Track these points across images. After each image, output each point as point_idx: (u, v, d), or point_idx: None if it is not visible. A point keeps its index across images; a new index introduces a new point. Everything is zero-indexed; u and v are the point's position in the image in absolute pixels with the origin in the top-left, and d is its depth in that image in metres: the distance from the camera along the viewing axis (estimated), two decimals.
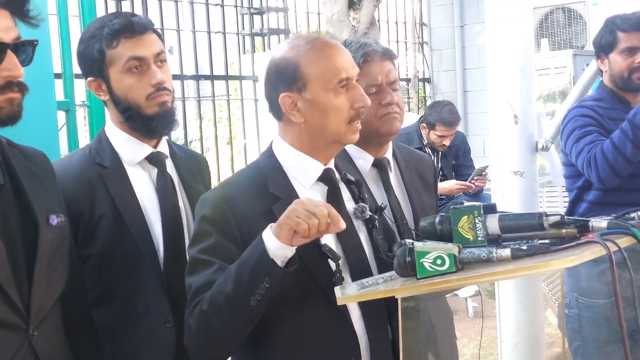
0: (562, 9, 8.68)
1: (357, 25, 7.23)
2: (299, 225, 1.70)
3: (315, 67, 1.90)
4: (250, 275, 1.75)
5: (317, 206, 1.71)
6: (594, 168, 3.05)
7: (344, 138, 1.93)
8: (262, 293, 1.74)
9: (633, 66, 3.16)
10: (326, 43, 1.95)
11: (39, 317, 1.66)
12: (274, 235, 1.74)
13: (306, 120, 1.92)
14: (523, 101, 3.12)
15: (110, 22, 2.13)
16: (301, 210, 1.71)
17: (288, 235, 1.73)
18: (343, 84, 1.90)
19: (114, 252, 2.11)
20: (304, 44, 1.94)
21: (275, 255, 1.74)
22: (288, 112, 1.93)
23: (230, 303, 1.77)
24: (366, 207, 1.98)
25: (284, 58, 1.93)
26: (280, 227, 1.73)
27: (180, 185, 2.25)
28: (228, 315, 1.78)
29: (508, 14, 3.10)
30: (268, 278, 1.73)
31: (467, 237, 1.72)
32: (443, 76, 9.82)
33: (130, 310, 2.13)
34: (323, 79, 1.89)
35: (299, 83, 1.90)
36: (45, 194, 1.76)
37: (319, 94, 1.89)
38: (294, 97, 1.91)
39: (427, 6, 9.88)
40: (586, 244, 1.63)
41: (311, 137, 1.94)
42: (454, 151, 5.90)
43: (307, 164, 1.96)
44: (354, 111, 1.91)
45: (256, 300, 1.74)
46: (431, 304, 1.98)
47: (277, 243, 1.73)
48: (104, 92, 2.18)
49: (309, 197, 1.78)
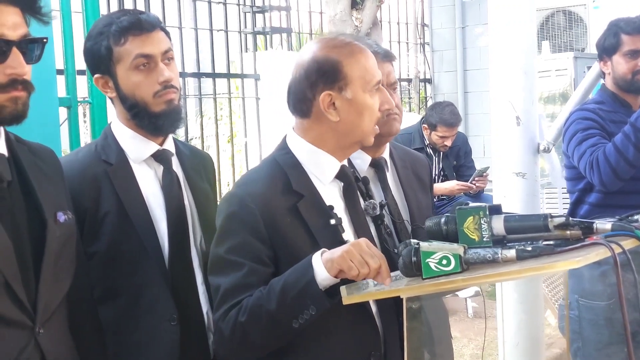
0: (563, 12, 8.69)
1: (360, 25, 7.24)
2: (351, 270, 1.74)
3: (357, 68, 1.96)
4: (296, 299, 1.79)
5: (372, 257, 1.75)
6: (597, 171, 3.06)
7: (367, 139, 2.00)
8: (306, 318, 1.79)
9: (636, 69, 3.16)
10: (363, 47, 2.02)
11: (46, 315, 1.66)
12: (325, 268, 1.77)
13: (341, 119, 1.97)
14: (525, 103, 3.12)
15: (119, 19, 2.13)
16: (357, 255, 1.74)
17: (337, 272, 1.77)
18: (377, 87, 1.99)
19: (119, 249, 2.11)
20: (344, 46, 1.99)
21: (322, 285, 1.78)
22: (325, 109, 1.96)
23: (272, 321, 1.82)
24: (376, 204, 2.03)
25: (327, 57, 1.97)
26: (332, 263, 1.77)
27: (185, 183, 2.25)
28: (268, 330, 1.84)
29: (511, 16, 3.11)
30: (314, 307, 1.79)
31: (472, 237, 1.73)
32: (444, 77, 9.82)
33: (134, 307, 2.13)
34: (363, 80, 1.96)
35: (341, 82, 1.95)
36: (53, 191, 1.76)
37: (358, 94, 1.96)
38: (334, 95, 1.96)
39: (429, 7, 9.87)
40: (591, 246, 1.64)
41: (338, 136, 1.99)
42: (455, 152, 5.91)
43: (324, 161, 2.00)
44: (380, 113, 2.01)
45: (299, 323, 1.80)
46: (430, 304, 1.99)
47: (326, 275, 1.77)
48: (110, 89, 2.18)
49: (368, 242, 1.79)
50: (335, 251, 1.78)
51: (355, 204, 2.01)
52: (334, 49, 1.98)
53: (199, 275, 2.21)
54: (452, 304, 5.99)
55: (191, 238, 2.20)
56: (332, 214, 1.94)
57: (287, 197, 1.94)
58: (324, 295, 1.78)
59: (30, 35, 1.64)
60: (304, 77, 1.99)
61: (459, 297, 5.94)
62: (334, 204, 1.97)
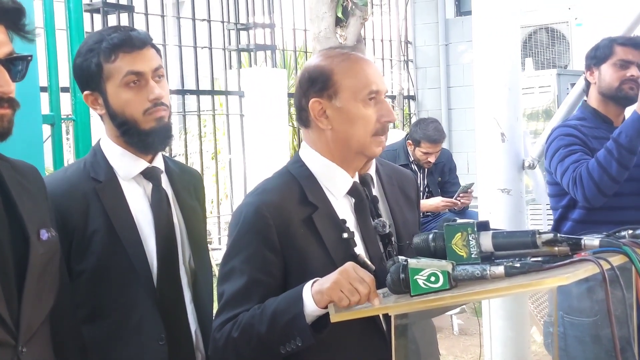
0: (546, 29, 8.77)
1: (344, 42, 7.27)
2: (342, 301, 1.74)
3: (347, 76, 1.96)
4: (284, 328, 1.80)
5: (361, 282, 1.74)
6: (580, 187, 3.06)
7: (368, 150, 1.98)
8: (293, 347, 1.80)
9: (624, 78, 3.17)
10: (360, 57, 2.02)
11: (28, 333, 1.63)
12: (314, 300, 1.77)
13: (333, 128, 1.97)
14: (510, 119, 3.14)
15: (109, 36, 2.12)
16: (346, 284, 1.74)
17: (327, 303, 1.77)
18: (372, 97, 1.96)
19: (107, 267, 2.09)
20: (338, 55, 2.00)
21: (312, 317, 1.79)
22: (316, 117, 1.97)
23: (260, 343, 1.85)
24: (386, 223, 2.02)
25: (318, 66, 1.99)
26: (322, 295, 1.77)
27: (174, 201, 2.23)
28: (257, 351, 1.86)
29: (495, 33, 3.13)
30: (300, 339, 1.79)
31: (460, 254, 1.72)
32: (428, 94, 9.88)
33: (122, 326, 2.10)
34: (354, 89, 1.95)
35: (330, 90, 1.96)
36: (36, 209, 1.74)
37: (348, 102, 1.95)
38: (324, 103, 1.97)
39: (413, 25, 9.95)
40: (579, 262, 1.64)
41: (338, 146, 1.99)
42: (439, 168, 5.93)
43: (337, 175, 2.01)
44: (380, 124, 1.97)
45: (285, 350, 1.81)
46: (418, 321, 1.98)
47: (315, 308, 1.78)
48: (100, 106, 2.16)
49: (356, 266, 1.79)
50: (325, 282, 1.77)
51: (366, 220, 2.01)
52: (327, 58, 2.00)
53: (188, 294, 2.19)
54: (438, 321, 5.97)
55: (180, 256, 2.18)
56: (344, 228, 1.94)
57: (302, 208, 1.94)
58: (310, 330, 1.78)
59: (15, 53, 1.62)
60: (298, 86, 2.02)
61: (444, 315, 5.93)
62: (345, 219, 1.97)
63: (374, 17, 9.06)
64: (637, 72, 3.17)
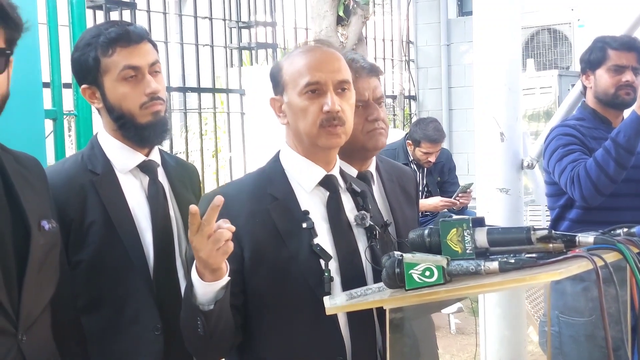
0: (548, 30, 8.77)
1: (345, 41, 7.28)
2: (213, 255, 1.74)
3: (291, 70, 1.97)
4: (186, 312, 1.87)
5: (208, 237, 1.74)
6: (577, 186, 3.07)
7: (319, 141, 1.95)
8: (202, 326, 1.83)
9: (619, 84, 3.19)
10: (311, 48, 2.01)
11: (29, 322, 1.66)
12: (198, 276, 1.80)
13: (289, 122, 2.00)
14: (509, 119, 3.15)
15: (107, 30, 2.14)
16: (203, 243, 1.74)
17: (204, 270, 1.79)
18: (312, 88, 1.93)
19: (104, 258, 2.11)
20: (295, 50, 2.02)
21: (203, 294, 1.81)
22: (277, 114, 2.01)
23: (186, 328, 1.90)
24: (367, 215, 2.01)
25: (276, 64, 2.03)
26: (199, 269, 1.80)
27: (171, 194, 2.26)
28: (190, 335, 1.90)
29: (495, 32, 3.14)
30: (199, 317, 1.82)
31: (455, 249, 1.73)
32: (429, 94, 9.88)
33: (119, 317, 2.13)
34: (294, 82, 1.95)
35: (280, 86, 1.99)
36: (37, 200, 1.76)
37: (292, 96, 1.96)
38: (279, 100, 2.00)
39: (414, 24, 9.95)
40: (573, 259, 1.65)
41: (297, 139, 2.00)
42: (439, 168, 5.94)
43: (308, 169, 2.00)
44: (324, 115, 1.92)
45: (202, 330, 1.83)
46: (414, 316, 1.99)
47: (201, 283, 1.80)
48: (97, 100, 2.19)
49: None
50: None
51: (339, 212, 2.00)
52: (286, 56, 2.04)
53: (184, 285, 2.20)
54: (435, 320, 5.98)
55: (176, 248, 2.21)
56: (305, 218, 1.94)
57: (259, 200, 1.96)
58: (198, 308, 1.81)
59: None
60: None
61: (442, 313, 5.95)
62: (314, 211, 1.97)
63: (375, 16, 9.07)
64: (631, 77, 3.18)
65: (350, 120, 1.98)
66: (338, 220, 1.99)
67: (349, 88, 1.99)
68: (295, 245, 1.90)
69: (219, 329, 1.85)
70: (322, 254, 1.90)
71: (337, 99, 1.93)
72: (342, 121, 1.94)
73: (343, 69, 1.98)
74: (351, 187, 2.06)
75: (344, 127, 1.95)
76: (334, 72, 1.95)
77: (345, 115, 1.95)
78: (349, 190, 2.05)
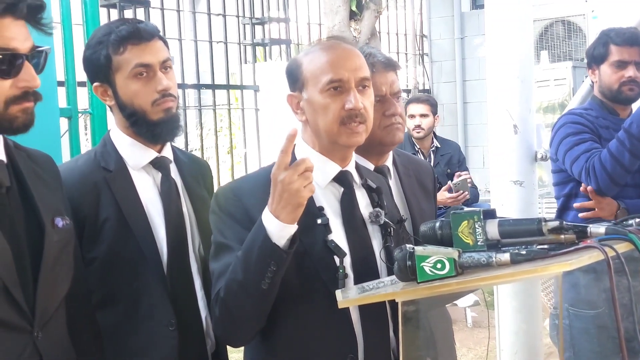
0: (562, 22, 8.73)
1: (358, 36, 7.28)
2: (299, 195, 1.77)
3: (312, 67, 1.96)
4: (257, 261, 1.80)
5: (296, 173, 1.77)
6: (593, 178, 3.08)
7: (339, 139, 1.95)
8: (271, 276, 1.80)
9: (622, 80, 3.19)
10: (331, 45, 2.00)
11: (44, 318, 1.67)
12: (274, 216, 1.79)
13: (307, 119, 1.98)
14: (523, 111, 3.14)
15: (117, 28, 2.15)
16: (287, 179, 1.77)
17: (282, 210, 1.79)
18: (334, 86, 1.93)
19: (118, 255, 2.13)
20: (312, 47, 2.01)
21: (279, 237, 1.79)
22: (294, 111, 2.00)
23: (243, 289, 1.84)
24: (381, 213, 2.00)
25: (292, 60, 2.02)
26: (275, 205, 1.79)
27: (183, 190, 2.27)
28: (243, 300, 1.85)
29: (508, 24, 3.13)
30: (274, 262, 1.79)
31: (467, 241, 1.74)
32: (443, 87, 9.86)
33: (133, 312, 2.15)
34: (315, 79, 1.94)
35: (299, 83, 1.97)
36: (51, 197, 1.78)
37: (313, 93, 1.95)
38: (298, 96, 1.99)
39: (428, 18, 9.93)
40: (584, 249, 1.64)
41: (315, 136, 1.99)
42: (446, 159, 5.91)
43: (323, 165, 1.99)
44: (345, 112, 1.92)
45: (267, 284, 1.81)
46: (429, 309, 1.99)
47: (277, 223, 1.79)
48: (109, 98, 2.21)
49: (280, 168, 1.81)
50: (271, 200, 1.81)
51: (353, 209, 1.99)
52: (304, 52, 2.02)
53: (198, 280, 2.23)
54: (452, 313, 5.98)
55: (189, 244, 2.23)
56: (320, 214, 1.94)
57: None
58: (278, 248, 1.79)
59: (36, 47, 1.66)
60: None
61: (458, 307, 5.95)
62: (328, 207, 1.97)
63: (388, 10, 9.06)
64: (634, 72, 3.18)
65: (370, 118, 1.98)
66: (352, 216, 1.99)
67: (369, 85, 1.99)
68: (310, 241, 1.90)
69: (276, 288, 1.83)
70: (336, 250, 1.91)
71: (359, 96, 1.94)
72: (364, 118, 1.94)
73: (364, 66, 1.99)
74: (366, 183, 2.05)
75: (365, 125, 1.95)
76: (356, 70, 1.95)
77: (367, 112, 1.96)
78: (364, 186, 2.05)
